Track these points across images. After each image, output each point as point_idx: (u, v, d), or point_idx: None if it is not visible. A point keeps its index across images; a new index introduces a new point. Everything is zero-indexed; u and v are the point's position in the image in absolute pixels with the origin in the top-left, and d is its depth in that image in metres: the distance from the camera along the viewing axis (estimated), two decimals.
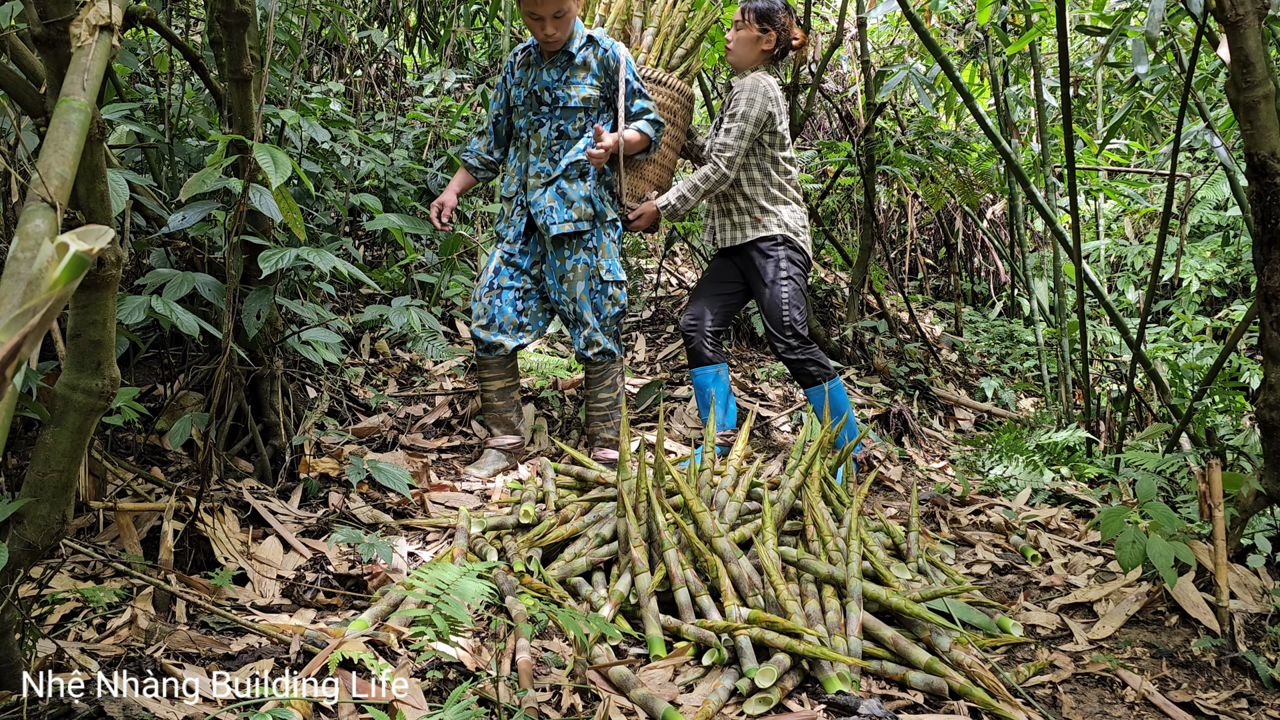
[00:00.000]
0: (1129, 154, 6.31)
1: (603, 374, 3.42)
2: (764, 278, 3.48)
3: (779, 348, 3.49)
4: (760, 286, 3.50)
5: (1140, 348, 3.47)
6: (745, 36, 3.45)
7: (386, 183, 4.26)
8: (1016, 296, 6.86)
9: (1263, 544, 2.59)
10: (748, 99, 3.39)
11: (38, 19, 1.47)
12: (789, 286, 3.47)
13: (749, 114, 3.39)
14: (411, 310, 3.32)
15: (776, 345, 3.49)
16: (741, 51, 3.47)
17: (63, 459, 1.50)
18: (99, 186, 1.55)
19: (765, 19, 3.44)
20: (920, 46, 5.70)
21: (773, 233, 3.50)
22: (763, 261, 3.49)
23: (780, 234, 3.50)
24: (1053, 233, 4.01)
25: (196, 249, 2.80)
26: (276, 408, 2.93)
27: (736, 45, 3.47)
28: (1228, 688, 2.16)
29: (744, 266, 3.59)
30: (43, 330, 0.76)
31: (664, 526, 2.42)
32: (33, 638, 1.69)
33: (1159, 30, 3.01)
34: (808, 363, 3.47)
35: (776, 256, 3.48)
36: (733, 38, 3.48)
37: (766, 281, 3.48)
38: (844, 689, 1.99)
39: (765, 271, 3.48)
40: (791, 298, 3.47)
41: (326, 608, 2.26)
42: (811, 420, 3.40)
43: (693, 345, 3.57)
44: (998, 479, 3.73)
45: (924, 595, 2.29)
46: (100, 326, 1.48)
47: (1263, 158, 2.28)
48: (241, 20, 2.45)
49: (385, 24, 6.21)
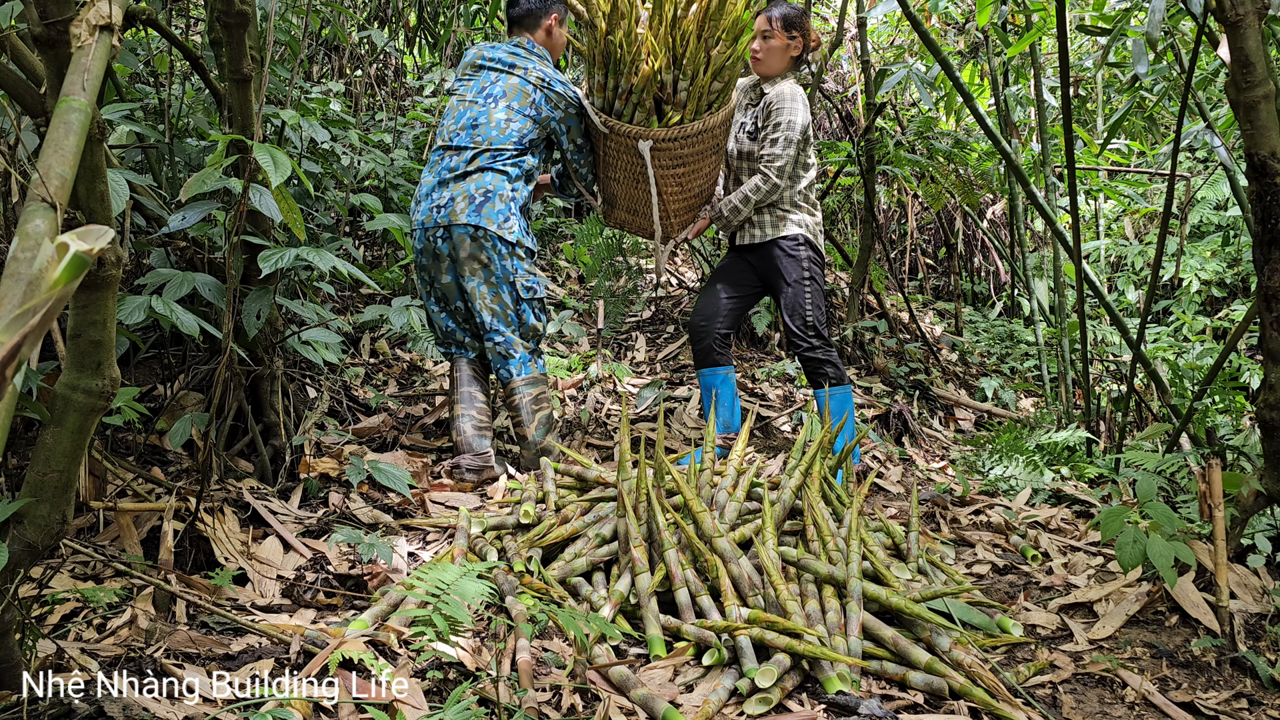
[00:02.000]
0: (1129, 154, 6.31)
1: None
2: (787, 277, 3.50)
3: (801, 346, 3.50)
4: (783, 285, 3.51)
5: (1140, 348, 3.47)
6: (776, 45, 3.45)
7: (386, 183, 4.26)
8: (1016, 296, 6.86)
9: (1263, 544, 2.59)
10: (791, 108, 3.41)
11: (38, 19, 1.47)
12: (811, 286, 3.50)
13: (794, 123, 3.41)
14: (411, 310, 3.32)
15: (799, 344, 3.50)
16: (771, 60, 3.47)
17: (63, 459, 1.50)
18: (99, 186, 1.55)
19: (794, 26, 3.46)
20: (920, 46, 5.70)
21: (795, 232, 3.52)
22: (786, 261, 3.51)
23: (802, 234, 3.53)
24: (1053, 233, 4.01)
25: (196, 249, 2.80)
26: (276, 408, 2.93)
27: (767, 55, 3.46)
28: (1228, 688, 2.16)
29: (762, 265, 3.59)
30: (43, 330, 0.76)
31: (664, 526, 2.42)
32: (33, 638, 1.69)
33: (1159, 30, 3.01)
34: (826, 364, 3.49)
35: (799, 256, 3.50)
36: (761, 47, 3.46)
37: (790, 280, 3.49)
38: (844, 689, 1.99)
39: (789, 271, 3.50)
40: (814, 297, 3.51)
41: (326, 608, 2.26)
42: (812, 420, 3.40)
43: (702, 346, 3.57)
44: (998, 479, 3.73)
45: (924, 595, 2.29)
46: (100, 326, 1.48)
47: (1263, 158, 2.28)
48: (241, 20, 2.45)
49: (385, 24, 6.21)
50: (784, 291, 3.51)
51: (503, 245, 3.16)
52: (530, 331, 3.29)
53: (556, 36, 3.33)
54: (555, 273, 6.16)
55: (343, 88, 4.95)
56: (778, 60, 3.47)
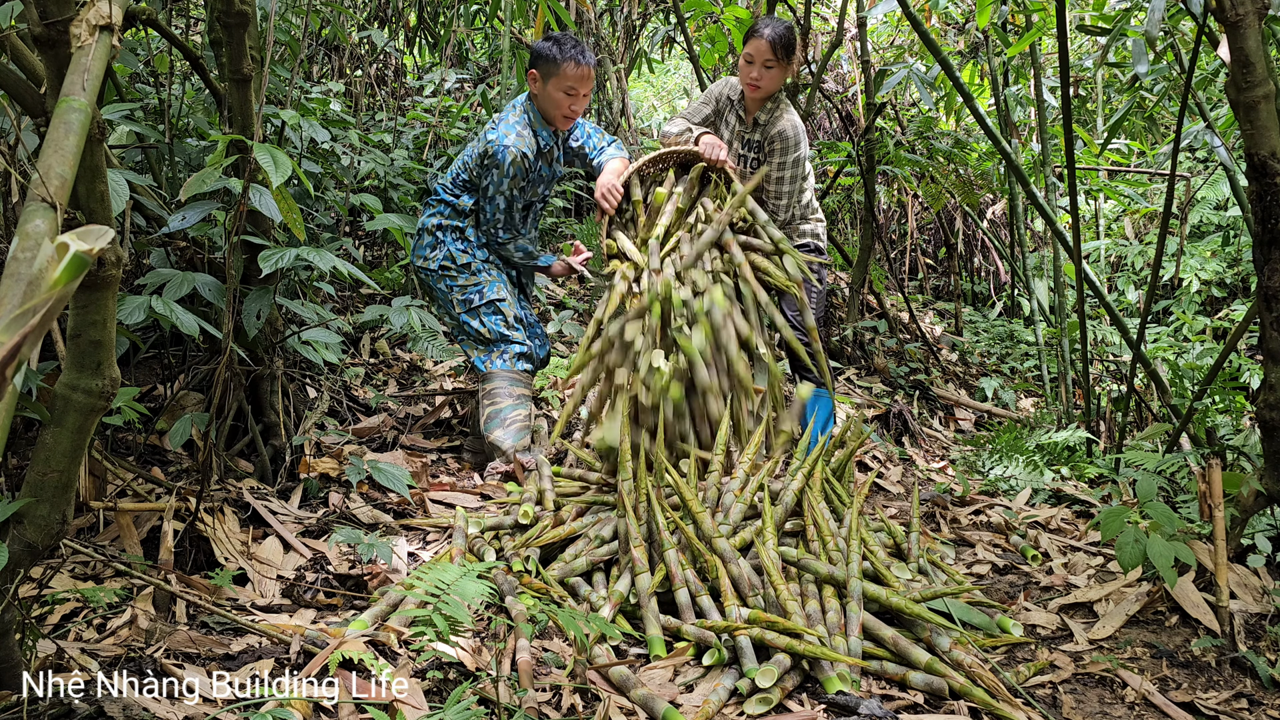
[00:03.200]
0: (1129, 154, 6.32)
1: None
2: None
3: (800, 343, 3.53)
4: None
5: (1140, 348, 3.47)
6: (777, 75, 3.35)
7: (386, 183, 4.26)
8: (1016, 296, 6.86)
9: (1263, 544, 2.59)
10: (796, 145, 3.40)
11: (38, 19, 1.47)
12: (815, 291, 3.56)
13: (801, 159, 3.43)
14: (411, 310, 3.32)
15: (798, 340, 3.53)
16: (771, 87, 3.39)
17: (63, 459, 1.50)
18: (99, 186, 1.55)
19: (793, 51, 3.39)
20: (920, 46, 5.71)
21: (805, 241, 3.61)
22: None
23: (812, 244, 3.62)
24: (1053, 233, 4.01)
25: (196, 249, 2.80)
26: (276, 408, 2.93)
27: (768, 83, 3.36)
28: (1228, 688, 2.16)
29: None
30: (43, 330, 0.76)
31: (664, 527, 2.42)
32: (33, 638, 1.69)
33: (1159, 30, 3.01)
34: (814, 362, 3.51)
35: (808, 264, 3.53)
36: (762, 76, 3.33)
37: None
38: (844, 689, 1.99)
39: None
40: (818, 300, 3.58)
41: (326, 608, 2.26)
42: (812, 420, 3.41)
43: None
44: (998, 479, 3.73)
45: (924, 595, 2.29)
46: (100, 326, 1.48)
47: (1263, 158, 2.28)
48: (241, 20, 2.45)
49: (385, 24, 6.21)
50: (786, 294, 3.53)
51: (429, 275, 3.37)
52: (480, 337, 3.36)
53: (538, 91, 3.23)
54: None
55: (343, 88, 4.96)
56: (776, 86, 3.41)
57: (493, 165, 3.18)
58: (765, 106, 3.46)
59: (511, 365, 3.33)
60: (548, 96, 3.17)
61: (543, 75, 3.16)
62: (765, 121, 3.45)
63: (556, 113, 3.20)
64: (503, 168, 3.15)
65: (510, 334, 3.34)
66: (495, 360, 3.33)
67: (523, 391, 3.35)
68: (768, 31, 3.29)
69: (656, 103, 10.23)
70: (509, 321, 3.34)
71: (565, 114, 3.20)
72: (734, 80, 3.53)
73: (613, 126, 7.03)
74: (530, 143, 3.20)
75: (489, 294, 3.33)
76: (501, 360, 3.33)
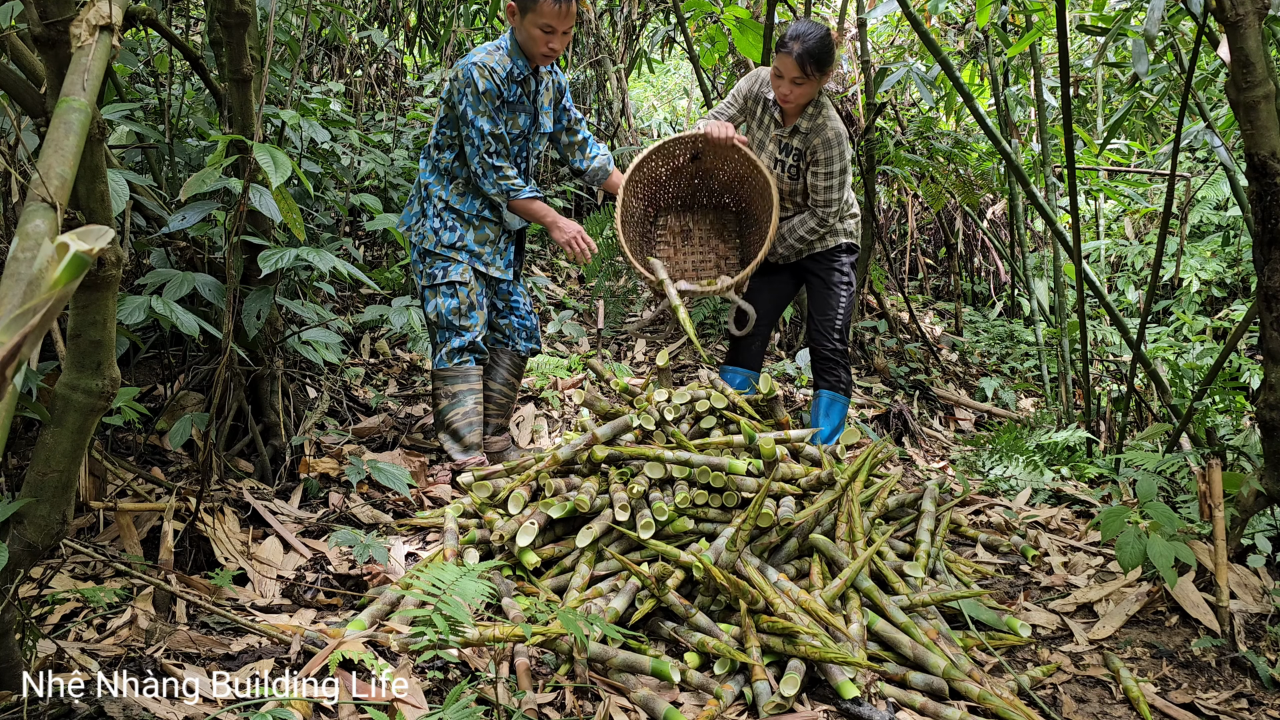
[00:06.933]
0: (1129, 154, 6.32)
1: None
2: (827, 280, 3.51)
3: (825, 345, 3.49)
4: (818, 284, 3.53)
5: (1140, 348, 3.47)
6: (809, 90, 3.20)
7: (386, 183, 4.26)
8: (1016, 296, 6.86)
9: (1263, 544, 2.59)
10: (841, 151, 3.28)
11: (38, 19, 1.47)
12: (847, 291, 3.53)
13: (846, 166, 3.33)
14: (411, 310, 3.32)
15: (824, 343, 3.50)
16: (804, 101, 3.25)
17: (63, 459, 1.50)
18: (99, 186, 1.55)
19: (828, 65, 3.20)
20: (920, 46, 5.71)
21: (840, 242, 3.53)
22: (828, 265, 3.52)
23: (847, 242, 3.54)
24: (1053, 233, 4.01)
25: (196, 249, 2.80)
26: (276, 408, 2.93)
27: (801, 97, 3.21)
28: (1228, 688, 2.16)
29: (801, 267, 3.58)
30: (43, 330, 0.76)
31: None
32: (33, 638, 1.69)
33: (1159, 30, 3.01)
34: (840, 368, 3.51)
35: (841, 262, 3.52)
36: (793, 93, 3.18)
37: (830, 284, 3.51)
38: (857, 695, 1.98)
39: (829, 275, 3.51)
40: (848, 304, 3.53)
41: (326, 608, 2.26)
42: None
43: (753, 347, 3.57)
44: (998, 479, 3.73)
45: (934, 599, 2.29)
46: (100, 326, 1.48)
47: (1263, 158, 2.28)
48: (241, 20, 2.45)
49: (385, 24, 6.21)
50: (821, 292, 3.52)
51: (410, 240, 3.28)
52: (432, 320, 3.25)
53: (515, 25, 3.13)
54: (555, 273, 6.17)
55: (343, 88, 4.96)
56: (809, 98, 3.26)
57: (465, 85, 3.07)
58: (806, 112, 3.30)
59: (449, 361, 3.23)
60: (525, 32, 3.05)
61: (520, 9, 3.03)
62: (808, 130, 3.30)
63: (535, 49, 3.07)
64: (473, 84, 3.05)
65: (460, 321, 3.21)
66: (439, 354, 3.25)
67: (460, 387, 3.24)
68: (796, 48, 3.10)
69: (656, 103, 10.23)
70: (461, 309, 3.21)
71: (544, 51, 3.06)
72: (764, 74, 3.39)
73: (613, 126, 7.03)
74: (502, 62, 3.09)
75: (452, 274, 3.20)
76: (439, 357, 3.25)
